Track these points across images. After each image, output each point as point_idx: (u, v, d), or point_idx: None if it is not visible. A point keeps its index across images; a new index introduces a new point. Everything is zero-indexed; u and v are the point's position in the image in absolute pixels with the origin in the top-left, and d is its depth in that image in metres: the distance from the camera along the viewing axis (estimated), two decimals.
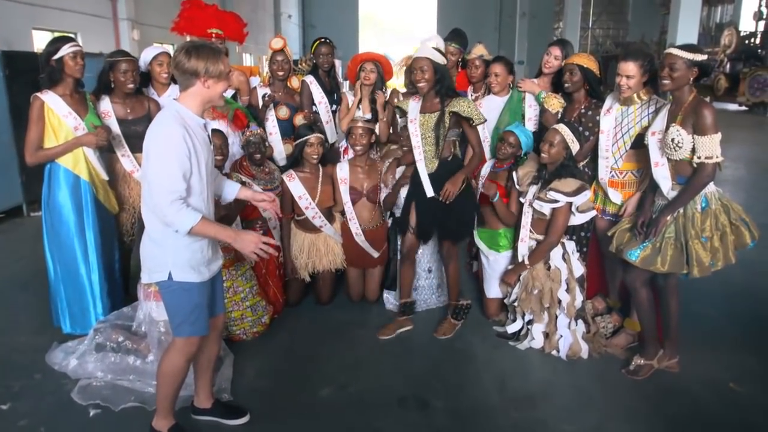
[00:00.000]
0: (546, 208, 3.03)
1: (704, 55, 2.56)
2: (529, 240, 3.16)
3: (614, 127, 3.00)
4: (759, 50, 18.54)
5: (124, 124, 3.31)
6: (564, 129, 3.00)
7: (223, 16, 4.10)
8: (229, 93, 3.89)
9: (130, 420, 2.50)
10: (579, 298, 3.06)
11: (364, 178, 3.57)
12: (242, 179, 3.38)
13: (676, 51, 2.57)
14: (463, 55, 4.19)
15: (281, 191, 3.53)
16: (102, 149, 3.19)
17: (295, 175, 3.50)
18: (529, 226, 3.15)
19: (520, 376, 2.91)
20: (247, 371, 2.91)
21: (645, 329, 2.92)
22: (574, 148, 3.01)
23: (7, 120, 5.49)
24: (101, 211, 3.21)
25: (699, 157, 2.52)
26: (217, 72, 2.05)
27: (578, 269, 3.09)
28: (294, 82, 4.05)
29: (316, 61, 4.07)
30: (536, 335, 3.12)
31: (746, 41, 19.38)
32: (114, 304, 3.26)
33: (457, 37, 4.16)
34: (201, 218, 2.02)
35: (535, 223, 3.14)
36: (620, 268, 3.06)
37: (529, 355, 3.09)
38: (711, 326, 3.38)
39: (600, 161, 3.07)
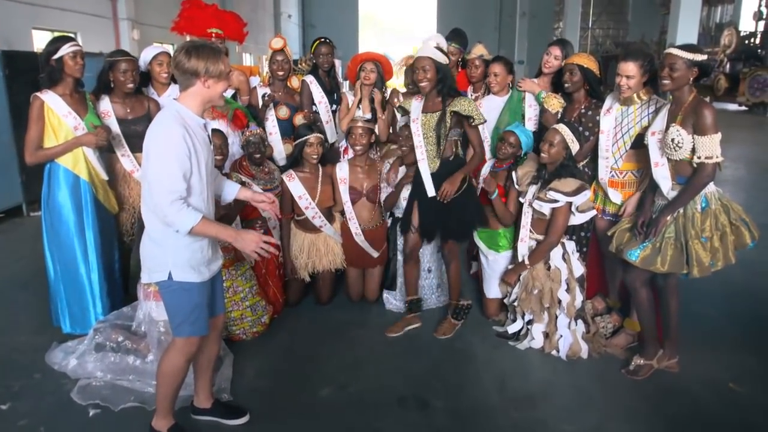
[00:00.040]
0: (546, 208, 3.03)
1: (704, 55, 2.56)
2: (529, 240, 3.16)
3: (614, 127, 3.00)
4: (759, 50, 18.52)
5: (124, 123, 3.31)
6: (564, 129, 3.00)
7: (223, 16, 4.10)
8: (229, 93, 3.89)
9: (130, 420, 2.50)
10: (579, 298, 3.07)
11: (363, 177, 3.57)
12: (242, 179, 3.38)
13: (676, 51, 2.57)
14: (463, 55, 4.19)
15: (281, 191, 3.53)
16: (102, 149, 3.19)
17: (294, 175, 3.50)
18: (529, 226, 3.15)
19: (520, 376, 2.91)
20: (246, 371, 2.91)
21: (645, 329, 2.92)
22: (574, 148, 3.01)
23: (7, 120, 5.49)
24: (101, 211, 3.21)
25: (699, 157, 2.52)
26: (217, 72, 2.05)
27: (578, 269, 3.09)
28: (294, 82, 4.05)
29: (316, 61, 4.07)
30: (536, 335, 3.12)
31: (746, 41, 19.36)
32: (114, 303, 3.26)
33: (457, 36, 4.16)
34: (201, 218, 2.02)
35: (534, 223, 3.14)
36: (620, 268, 3.06)
37: (529, 355, 3.09)
38: (711, 326, 3.38)
39: (600, 161, 3.07)
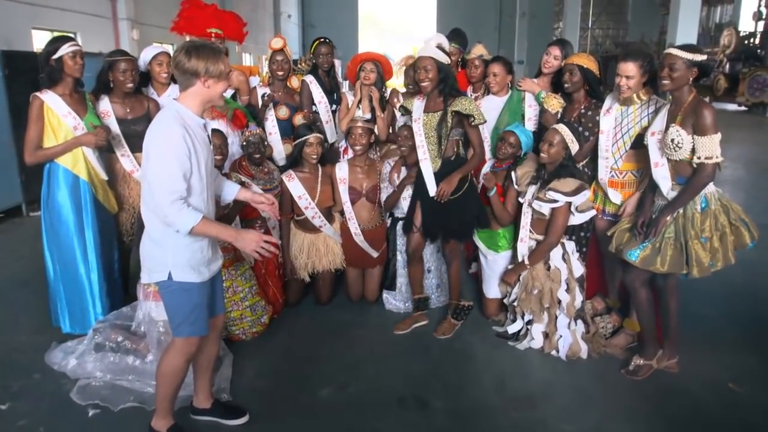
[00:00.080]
0: (545, 208, 3.03)
1: (704, 56, 2.56)
2: (528, 240, 3.16)
3: (614, 127, 3.00)
4: (758, 50, 18.53)
5: (124, 123, 3.31)
6: (563, 129, 3.00)
7: (223, 16, 4.10)
8: (228, 93, 3.89)
9: (130, 420, 2.50)
10: (579, 298, 3.06)
11: (363, 178, 3.57)
12: (241, 179, 3.38)
13: (675, 51, 2.57)
14: (463, 55, 4.19)
15: (280, 191, 3.53)
16: (101, 149, 3.19)
17: (294, 175, 3.49)
18: (529, 226, 3.15)
19: (520, 376, 2.91)
20: (246, 371, 2.91)
21: (644, 329, 2.92)
22: (574, 148, 3.01)
23: (6, 120, 5.49)
24: (100, 211, 3.21)
25: (699, 158, 2.52)
26: (217, 72, 2.05)
27: (578, 269, 3.09)
28: (294, 82, 4.05)
29: (315, 61, 4.07)
30: (536, 335, 3.12)
31: (746, 41, 19.37)
32: (113, 303, 3.26)
33: (456, 36, 4.16)
34: (202, 218, 2.02)
35: (534, 223, 3.14)
36: (620, 268, 3.06)
37: (529, 355, 3.09)
38: (711, 326, 3.38)
39: (600, 161, 3.07)
